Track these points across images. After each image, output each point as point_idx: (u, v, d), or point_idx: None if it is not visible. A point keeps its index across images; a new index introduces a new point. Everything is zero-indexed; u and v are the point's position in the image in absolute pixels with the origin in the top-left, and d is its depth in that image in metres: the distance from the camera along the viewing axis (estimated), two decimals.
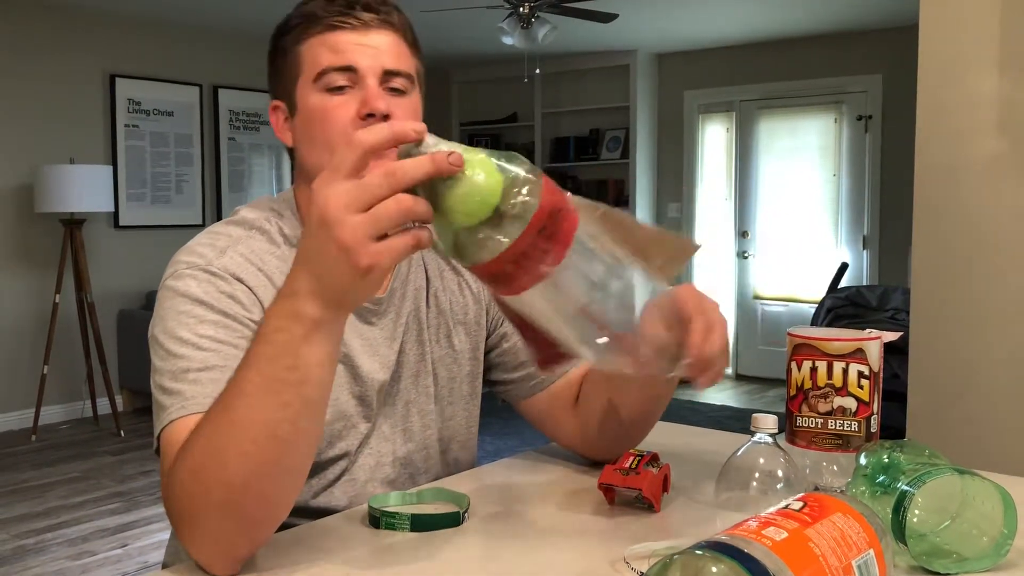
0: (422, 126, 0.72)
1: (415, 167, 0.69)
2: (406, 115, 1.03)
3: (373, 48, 1.03)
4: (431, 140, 0.72)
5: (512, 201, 0.70)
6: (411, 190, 0.71)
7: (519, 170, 0.71)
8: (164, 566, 1.08)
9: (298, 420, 0.79)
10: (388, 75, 1.03)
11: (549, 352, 0.82)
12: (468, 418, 1.19)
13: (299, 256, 0.77)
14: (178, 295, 0.96)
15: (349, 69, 1.02)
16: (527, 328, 0.80)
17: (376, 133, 0.72)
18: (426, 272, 1.16)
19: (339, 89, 1.02)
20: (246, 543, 0.83)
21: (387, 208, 0.70)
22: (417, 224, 0.73)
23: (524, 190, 0.70)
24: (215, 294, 0.96)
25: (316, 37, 1.03)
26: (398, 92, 1.04)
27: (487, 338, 1.20)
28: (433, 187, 0.71)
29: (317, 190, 0.73)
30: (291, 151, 1.10)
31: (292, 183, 1.13)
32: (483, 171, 0.70)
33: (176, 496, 0.82)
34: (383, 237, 0.71)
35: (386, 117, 1.00)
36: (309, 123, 1.03)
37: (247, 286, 0.98)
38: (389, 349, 1.09)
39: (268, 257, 1.02)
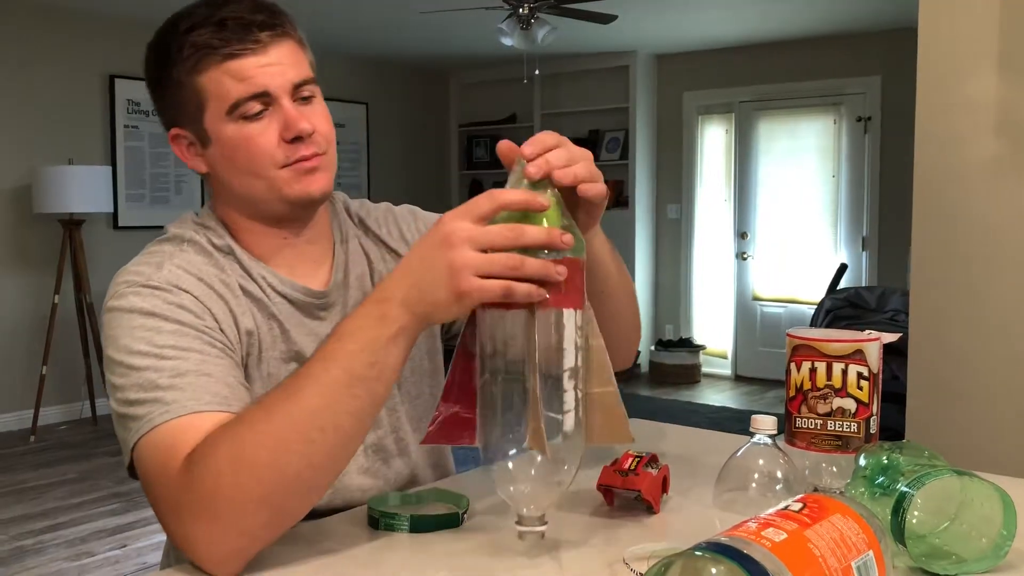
0: (546, 200, 0.82)
1: (535, 236, 0.81)
2: (323, 122, 1.04)
3: (278, 65, 1.00)
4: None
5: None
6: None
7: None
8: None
9: (362, 416, 0.85)
10: (297, 87, 1.02)
11: (453, 420, 0.89)
12: (434, 394, 1.19)
13: (402, 268, 0.86)
14: (125, 313, 0.95)
15: (262, 95, 0.99)
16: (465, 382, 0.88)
17: (514, 196, 0.82)
18: (367, 257, 1.16)
19: (256, 116, 1.00)
20: (268, 537, 0.85)
21: (500, 257, 0.80)
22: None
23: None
24: (163, 306, 0.95)
25: (216, 68, 0.99)
26: (308, 100, 1.03)
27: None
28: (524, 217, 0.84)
29: (448, 220, 0.83)
30: (203, 174, 1.08)
31: (204, 205, 1.11)
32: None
33: (204, 487, 0.82)
34: (486, 278, 0.81)
35: (311, 133, 1.01)
36: (232, 154, 1.01)
37: (192, 295, 0.98)
38: None
39: (204, 267, 1.02)
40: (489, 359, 0.84)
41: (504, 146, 0.89)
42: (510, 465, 0.84)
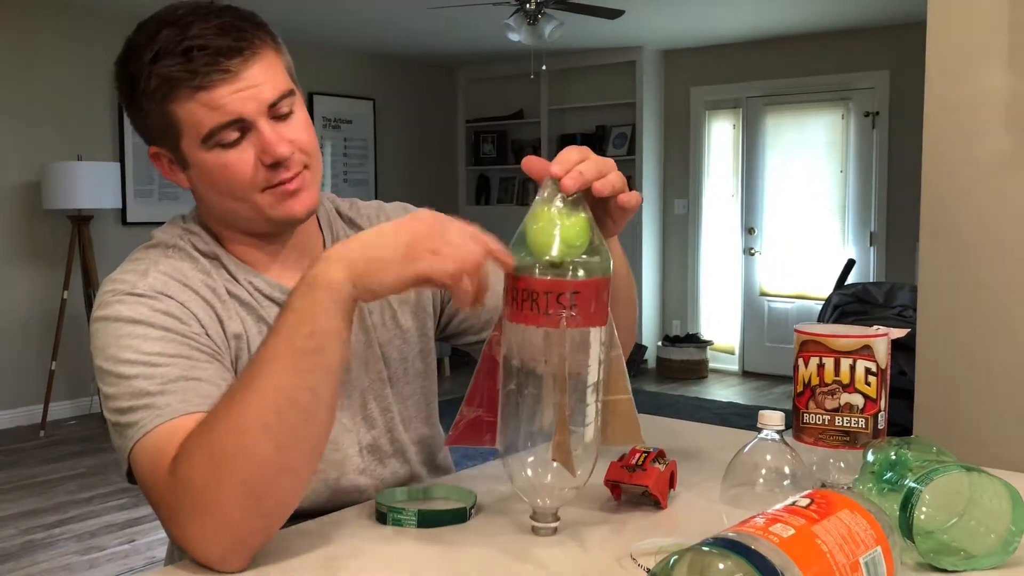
0: (511, 260, 0.86)
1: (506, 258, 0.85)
2: (304, 135, 1.01)
3: (251, 88, 0.96)
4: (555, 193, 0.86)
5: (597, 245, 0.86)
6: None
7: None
8: None
9: (317, 387, 0.84)
10: (273, 105, 0.98)
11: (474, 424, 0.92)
12: (426, 394, 1.20)
13: (361, 233, 0.87)
14: (112, 322, 0.95)
15: (237, 121, 0.96)
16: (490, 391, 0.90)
17: (500, 252, 0.85)
18: None
19: (233, 143, 0.97)
20: (262, 528, 0.85)
21: (493, 246, 0.84)
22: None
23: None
24: (149, 313, 0.95)
25: (187, 99, 0.95)
26: (286, 116, 1.00)
27: (441, 312, 1.21)
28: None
29: (432, 212, 0.87)
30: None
31: (193, 209, 1.10)
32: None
33: (189, 484, 0.83)
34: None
35: (290, 156, 0.98)
36: (211, 179, 1.00)
37: (177, 301, 0.98)
38: None
39: (190, 272, 1.02)
40: (515, 369, 0.86)
41: (536, 163, 0.90)
42: (528, 470, 0.88)
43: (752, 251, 6.61)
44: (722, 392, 6.17)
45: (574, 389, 0.85)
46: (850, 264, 5.15)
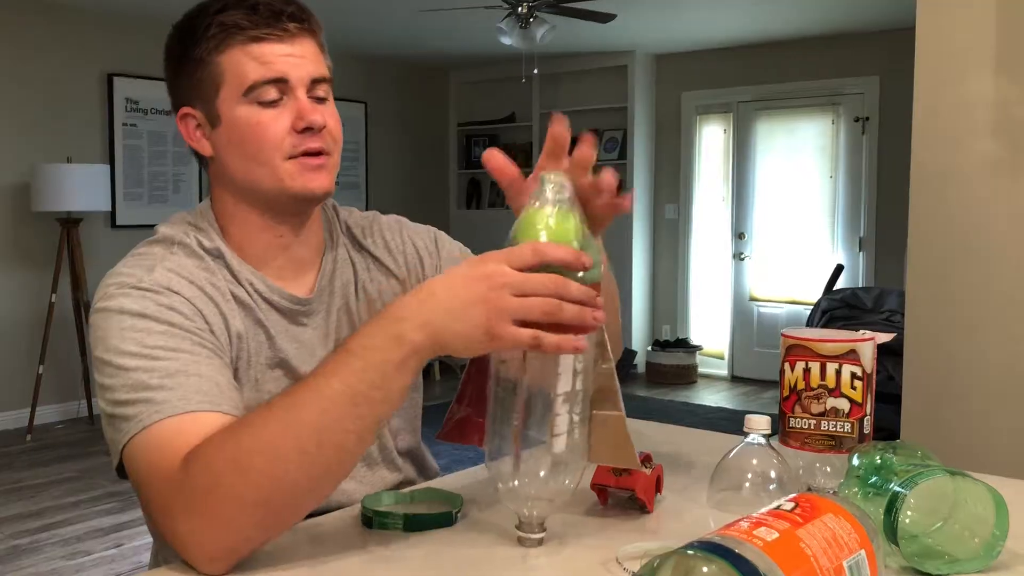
0: (589, 259, 0.82)
1: (577, 291, 0.81)
2: (334, 122, 1.05)
3: (300, 58, 1.02)
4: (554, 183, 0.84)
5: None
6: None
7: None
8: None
9: (364, 434, 0.84)
10: (314, 83, 1.03)
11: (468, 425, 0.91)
12: (412, 404, 1.20)
13: (424, 292, 0.84)
14: (115, 314, 0.95)
15: (280, 81, 1.00)
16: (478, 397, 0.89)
17: (561, 252, 0.81)
18: (354, 266, 1.16)
19: (271, 103, 1.01)
20: (260, 538, 0.85)
21: (538, 303, 0.80)
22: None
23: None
24: (154, 307, 0.95)
25: (239, 48, 1.00)
26: (321, 100, 1.04)
27: None
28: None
29: (490, 260, 0.82)
30: (202, 159, 1.08)
31: (202, 200, 1.11)
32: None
33: (199, 486, 0.82)
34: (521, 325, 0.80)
35: (322, 128, 1.02)
36: (240, 138, 1.01)
37: (183, 296, 0.98)
38: (324, 348, 1.09)
39: (195, 270, 1.02)
40: (499, 375, 0.86)
41: (500, 161, 0.90)
42: (513, 480, 0.86)
43: (742, 256, 6.63)
44: (711, 397, 6.18)
45: (541, 399, 0.83)
46: (839, 269, 5.17)
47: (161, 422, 0.88)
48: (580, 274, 0.82)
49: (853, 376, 0.99)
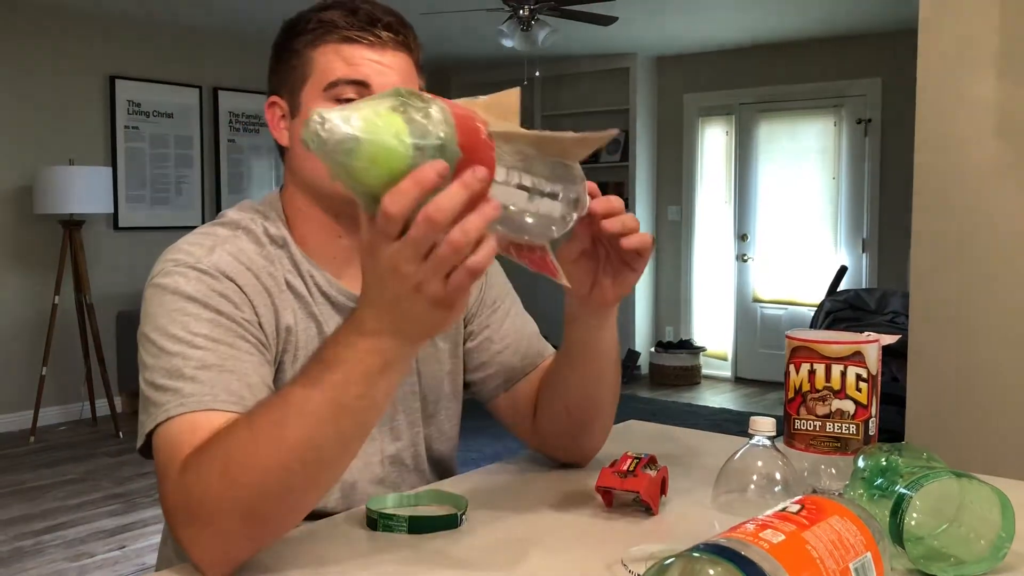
0: (442, 164, 0.69)
1: (451, 202, 0.69)
2: None
3: (388, 68, 1.03)
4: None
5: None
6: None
7: (430, 141, 0.69)
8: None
9: (349, 444, 0.83)
10: None
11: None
12: (450, 416, 1.20)
13: (368, 300, 0.77)
14: (168, 292, 0.96)
15: (361, 84, 1.02)
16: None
17: (401, 198, 0.69)
18: None
19: (348, 102, 0.99)
20: (255, 546, 0.85)
21: (444, 253, 0.71)
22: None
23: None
24: (206, 292, 0.96)
25: (331, 46, 1.03)
26: None
27: (464, 342, 1.21)
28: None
29: (374, 245, 0.73)
30: (282, 149, 1.11)
31: (275, 188, 1.13)
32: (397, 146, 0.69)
33: (193, 495, 0.83)
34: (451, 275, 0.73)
35: None
36: None
37: (236, 284, 0.98)
38: None
39: (255, 256, 1.03)
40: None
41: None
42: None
43: (745, 257, 6.62)
44: (715, 398, 6.18)
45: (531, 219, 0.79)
46: (842, 271, 5.16)
47: (183, 416, 0.88)
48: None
49: (858, 378, 0.99)
